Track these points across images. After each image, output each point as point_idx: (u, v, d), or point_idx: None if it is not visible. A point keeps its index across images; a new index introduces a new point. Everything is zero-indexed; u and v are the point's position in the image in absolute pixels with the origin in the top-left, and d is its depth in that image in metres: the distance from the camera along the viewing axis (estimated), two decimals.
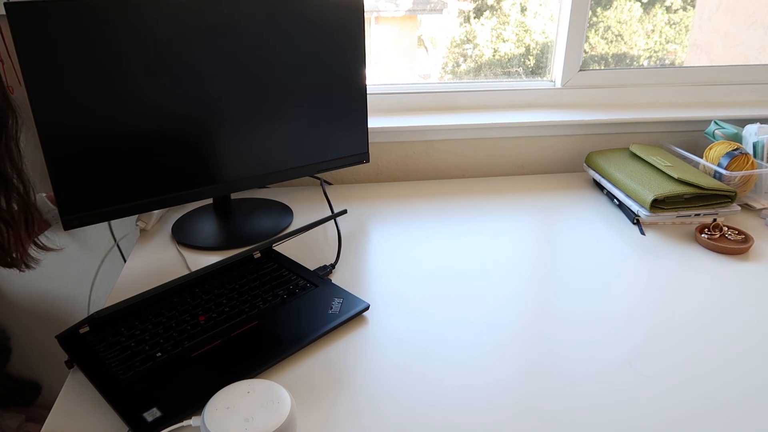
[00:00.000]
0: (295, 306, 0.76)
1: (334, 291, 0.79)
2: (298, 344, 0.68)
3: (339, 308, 0.75)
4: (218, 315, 0.73)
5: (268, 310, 0.75)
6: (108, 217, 0.86)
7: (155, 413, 0.58)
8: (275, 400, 0.54)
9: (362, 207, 1.11)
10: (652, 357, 0.68)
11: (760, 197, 1.09)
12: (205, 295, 0.78)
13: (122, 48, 0.81)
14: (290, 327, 0.71)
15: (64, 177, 0.81)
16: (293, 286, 0.80)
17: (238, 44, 0.89)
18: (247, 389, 0.55)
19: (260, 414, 0.53)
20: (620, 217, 1.05)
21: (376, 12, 1.49)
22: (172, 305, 0.75)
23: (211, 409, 0.53)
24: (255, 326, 0.71)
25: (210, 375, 0.63)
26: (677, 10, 1.52)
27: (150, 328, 0.71)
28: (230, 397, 0.54)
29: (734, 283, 0.83)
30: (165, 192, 0.90)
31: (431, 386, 0.63)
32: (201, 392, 0.60)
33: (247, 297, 0.77)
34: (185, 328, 0.71)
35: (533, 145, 1.28)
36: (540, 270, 0.87)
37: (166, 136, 0.88)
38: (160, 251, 0.94)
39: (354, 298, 0.77)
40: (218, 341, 0.68)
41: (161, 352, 0.66)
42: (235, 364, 0.65)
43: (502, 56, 1.42)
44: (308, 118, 1.00)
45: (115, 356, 0.66)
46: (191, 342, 0.68)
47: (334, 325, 0.72)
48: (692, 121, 1.26)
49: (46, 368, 1.37)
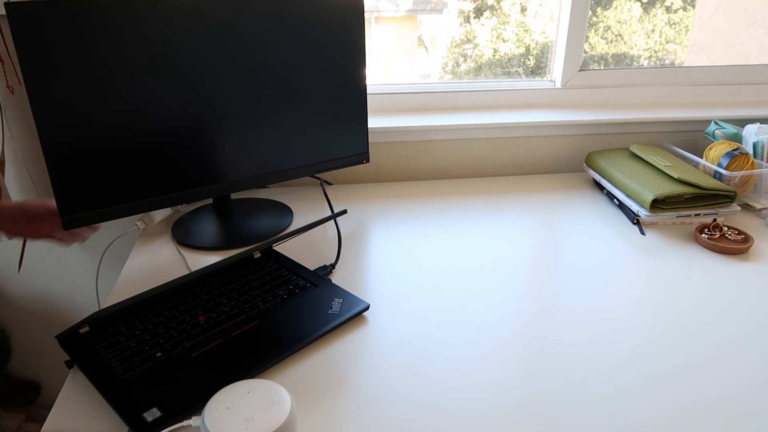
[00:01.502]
0: (295, 306, 0.76)
1: (334, 291, 0.79)
2: (298, 344, 0.68)
3: (339, 308, 0.75)
4: (218, 315, 0.73)
5: (268, 310, 0.75)
6: (108, 217, 0.86)
7: (155, 413, 0.58)
8: (275, 400, 0.54)
9: (362, 207, 1.11)
10: (652, 357, 0.68)
11: (760, 197, 1.09)
12: (205, 295, 0.78)
13: (122, 47, 0.81)
14: (290, 327, 0.71)
15: (64, 177, 0.81)
16: (293, 286, 0.80)
17: (237, 45, 0.89)
18: (247, 389, 0.55)
19: (260, 414, 0.53)
20: (620, 217, 1.05)
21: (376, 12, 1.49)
22: (172, 305, 0.75)
23: (211, 409, 0.53)
24: (255, 326, 0.71)
25: (210, 375, 0.63)
26: (677, 10, 1.52)
27: (150, 328, 0.71)
28: (230, 397, 0.54)
29: (734, 283, 0.83)
30: (165, 192, 0.90)
31: (431, 386, 0.63)
32: (201, 392, 0.60)
33: (247, 297, 0.77)
34: (185, 328, 0.71)
35: (533, 145, 1.28)
36: (540, 270, 0.87)
37: (165, 136, 0.88)
38: (160, 251, 0.94)
39: (354, 298, 0.77)
40: (218, 341, 0.68)
41: (161, 352, 0.66)
42: (235, 364, 0.65)
43: (502, 56, 1.42)
44: (308, 118, 1.00)
45: (115, 356, 0.66)
46: (191, 342, 0.68)
47: (334, 325, 0.72)
48: (692, 121, 1.26)
49: (46, 368, 1.37)
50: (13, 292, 1.28)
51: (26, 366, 1.35)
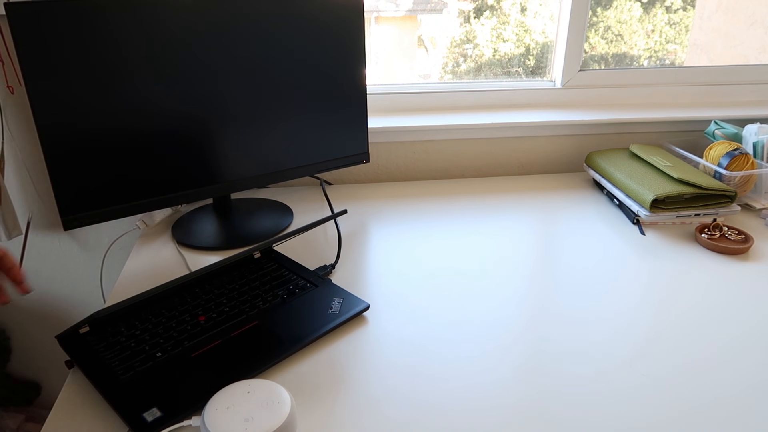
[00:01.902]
0: (295, 306, 0.75)
1: (334, 291, 0.79)
2: (298, 344, 0.68)
3: (339, 308, 0.75)
4: (218, 315, 0.73)
5: (268, 310, 0.75)
6: (108, 217, 0.86)
7: (155, 413, 0.58)
8: (275, 400, 0.54)
9: (362, 207, 1.11)
10: (652, 357, 0.68)
11: (760, 197, 1.09)
12: (205, 295, 0.78)
13: (122, 47, 0.81)
14: (290, 327, 0.71)
15: (64, 177, 0.81)
16: (293, 286, 0.80)
17: (237, 45, 0.89)
18: (247, 389, 0.55)
19: (260, 414, 0.53)
20: (620, 217, 1.05)
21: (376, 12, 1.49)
22: (172, 305, 0.75)
23: (211, 409, 0.53)
24: (255, 326, 0.71)
25: (210, 375, 0.63)
26: (677, 10, 1.52)
27: (150, 328, 0.71)
28: (230, 397, 0.54)
29: (734, 283, 0.83)
30: (165, 192, 0.90)
31: (432, 386, 0.63)
32: (201, 392, 0.60)
33: (247, 297, 0.77)
34: (185, 328, 0.71)
35: (533, 145, 1.28)
36: (540, 270, 0.87)
37: (165, 135, 0.88)
38: (160, 251, 0.94)
39: (354, 298, 0.77)
40: (218, 341, 0.68)
41: (161, 352, 0.66)
42: (235, 364, 0.64)
43: (502, 56, 1.42)
44: (308, 118, 1.00)
45: (115, 356, 0.66)
46: (191, 342, 0.68)
47: (334, 325, 0.72)
48: (692, 121, 1.26)
49: (46, 368, 1.37)
50: (13, 292, 1.28)
51: (26, 366, 1.35)
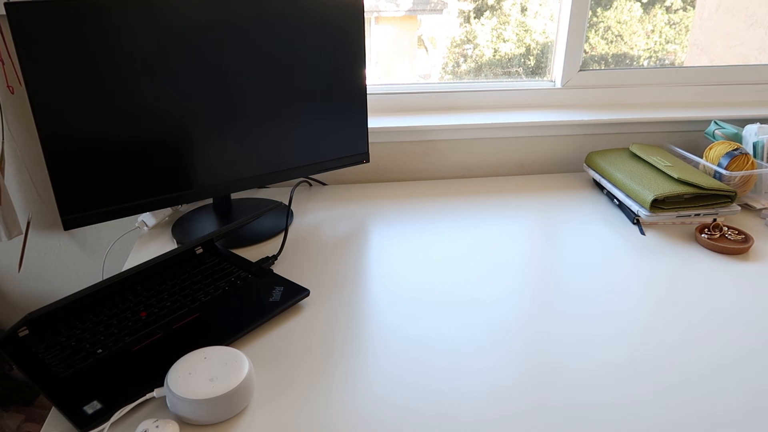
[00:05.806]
0: (236, 297, 0.77)
1: (275, 280, 0.80)
2: (240, 332, 0.70)
3: (279, 296, 0.77)
4: (160, 309, 0.74)
5: (210, 302, 0.76)
6: (108, 217, 0.86)
7: (95, 405, 0.59)
8: (233, 359, 0.60)
9: (362, 207, 1.11)
10: (652, 357, 0.68)
11: (760, 197, 1.09)
12: (147, 292, 0.78)
13: (122, 47, 0.81)
14: (231, 317, 0.73)
15: (64, 176, 0.81)
16: (235, 278, 0.81)
17: (237, 45, 0.89)
18: (203, 356, 0.60)
19: (222, 372, 0.58)
20: (620, 217, 1.05)
21: (376, 12, 1.49)
22: (113, 303, 0.76)
23: (174, 377, 0.57)
24: (197, 318, 0.73)
25: (152, 366, 0.64)
26: (677, 10, 1.52)
27: (91, 326, 0.71)
28: (190, 365, 0.59)
29: (734, 283, 0.83)
30: (165, 192, 0.90)
31: (432, 386, 0.63)
32: (143, 381, 0.62)
33: (189, 291, 0.78)
34: (126, 324, 0.72)
35: (533, 145, 1.28)
36: (540, 270, 0.87)
37: (165, 136, 0.88)
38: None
39: (295, 286, 0.79)
40: (159, 334, 0.69)
41: (102, 349, 0.67)
42: (178, 354, 0.66)
43: (502, 56, 1.42)
44: (308, 118, 1.00)
45: (56, 356, 0.66)
46: (132, 337, 0.69)
47: (276, 313, 0.74)
48: (692, 121, 1.26)
49: None
50: (13, 292, 1.28)
51: None
